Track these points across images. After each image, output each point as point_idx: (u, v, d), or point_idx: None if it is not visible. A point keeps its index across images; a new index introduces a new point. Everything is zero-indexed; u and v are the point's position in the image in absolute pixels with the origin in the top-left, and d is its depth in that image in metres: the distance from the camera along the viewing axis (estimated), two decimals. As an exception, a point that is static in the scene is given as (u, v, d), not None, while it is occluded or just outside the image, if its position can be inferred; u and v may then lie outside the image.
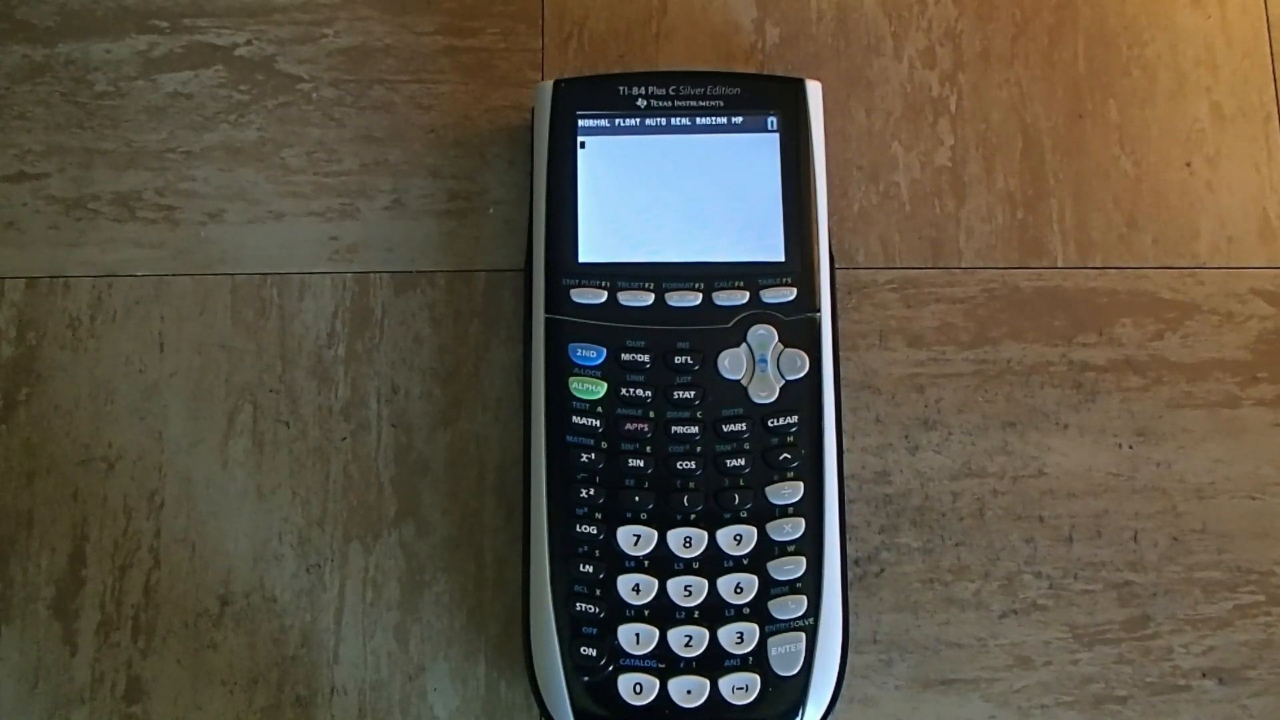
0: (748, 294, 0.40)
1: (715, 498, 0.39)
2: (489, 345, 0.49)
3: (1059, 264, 0.52)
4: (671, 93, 0.42)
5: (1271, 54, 0.55)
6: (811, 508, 0.39)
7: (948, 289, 0.51)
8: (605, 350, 0.39)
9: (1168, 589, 0.49)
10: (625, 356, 0.39)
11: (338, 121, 0.53)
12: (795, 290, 0.40)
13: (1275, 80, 0.55)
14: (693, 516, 0.38)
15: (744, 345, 0.40)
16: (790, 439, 0.39)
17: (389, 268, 0.51)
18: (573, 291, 0.40)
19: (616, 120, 0.42)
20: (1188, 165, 0.54)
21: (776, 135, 0.43)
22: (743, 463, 0.39)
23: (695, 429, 0.39)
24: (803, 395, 0.39)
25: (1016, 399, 0.50)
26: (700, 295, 0.40)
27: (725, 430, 0.39)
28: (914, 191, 0.52)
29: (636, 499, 0.38)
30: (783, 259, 0.41)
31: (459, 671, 0.47)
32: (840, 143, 0.52)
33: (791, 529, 0.39)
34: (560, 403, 0.39)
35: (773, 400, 0.39)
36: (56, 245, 0.51)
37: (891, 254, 0.51)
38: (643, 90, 0.42)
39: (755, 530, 0.38)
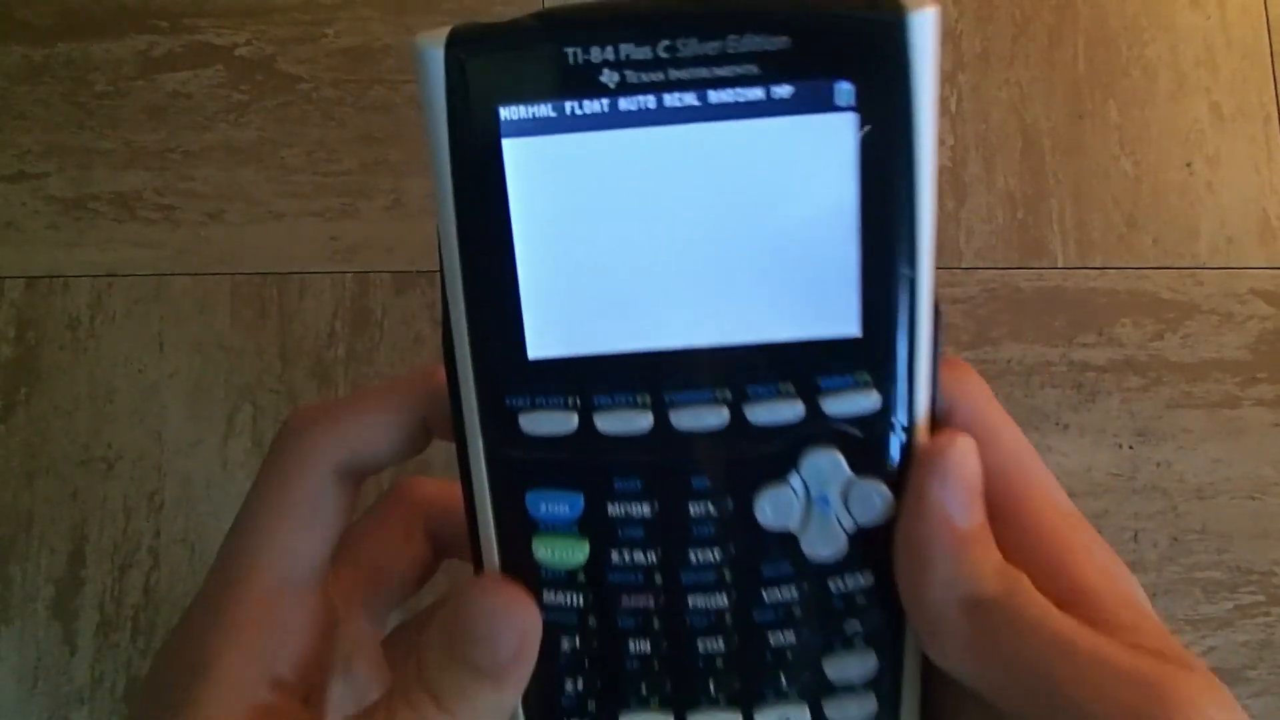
0: (801, 404, 0.24)
1: (753, 676, 0.27)
2: (489, 345, 0.49)
3: (1059, 264, 0.52)
4: (664, 54, 0.23)
5: (1271, 54, 0.55)
6: (888, 684, 0.27)
7: (948, 289, 0.51)
8: (583, 498, 0.25)
9: (1168, 589, 0.49)
10: (615, 508, 0.25)
11: (338, 121, 0.53)
12: (877, 394, 0.24)
13: (1275, 81, 0.55)
14: (723, 698, 0.27)
15: (795, 479, 0.25)
16: (861, 602, 0.26)
17: (389, 268, 0.51)
18: (523, 417, 0.24)
19: (567, 108, 0.23)
20: (1188, 165, 0.54)
21: (852, 116, 0.23)
22: (792, 637, 0.27)
23: (723, 599, 0.26)
24: (882, 545, 0.25)
25: (1017, 399, 0.50)
26: (726, 410, 0.25)
27: (767, 598, 0.26)
28: (914, 192, 0.52)
29: (644, 686, 0.27)
30: (857, 334, 0.24)
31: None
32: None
33: (858, 710, 0.27)
34: (522, 571, 0.25)
35: (838, 555, 0.26)
36: (56, 245, 0.51)
37: (891, 254, 0.51)
38: (611, 52, 0.23)
39: (808, 711, 0.27)
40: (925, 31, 0.22)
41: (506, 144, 0.23)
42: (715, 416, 0.25)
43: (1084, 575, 0.22)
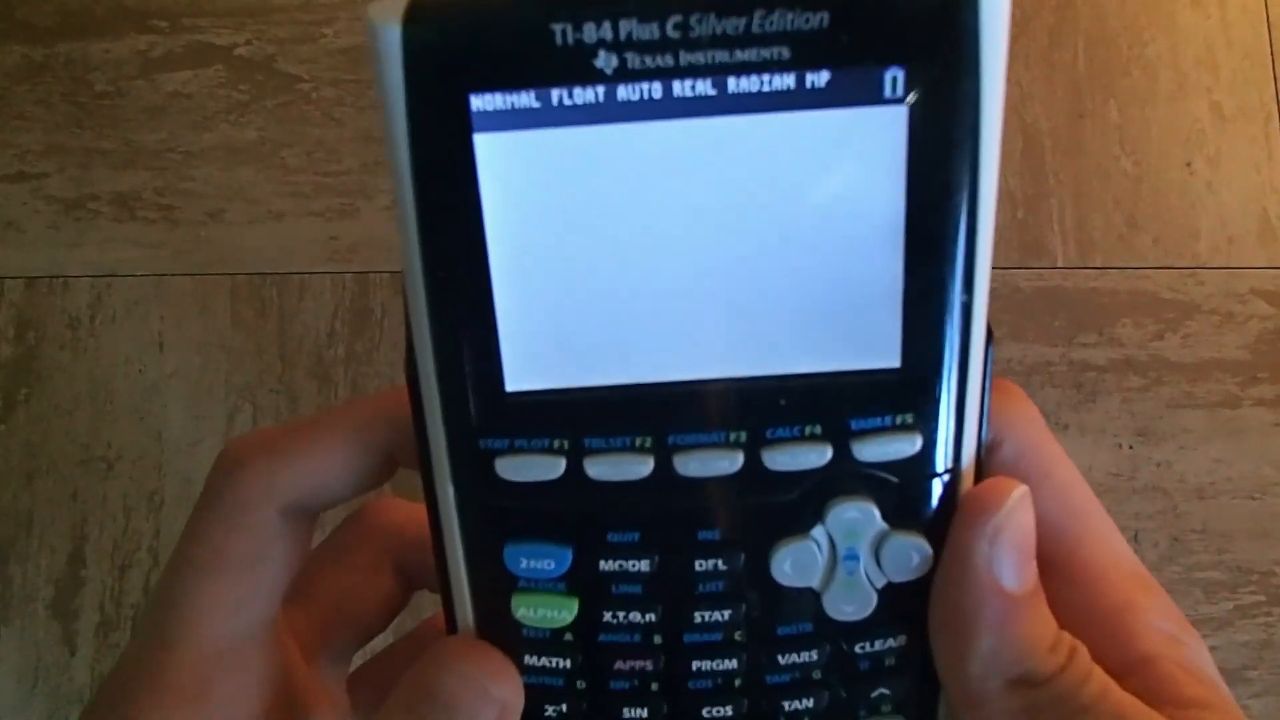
0: (829, 448, 0.21)
1: None
2: (489, 345, 0.49)
3: (1059, 264, 0.52)
4: (674, 33, 0.19)
5: (1272, 54, 0.55)
6: None
7: (948, 289, 0.52)
8: (571, 553, 0.22)
9: (1168, 589, 0.48)
10: (608, 563, 0.22)
11: (338, 121, 0.53)
12: (919, 437, 0.21)
13: (1275, 80, 0.55)
14: None
15: (819, 531, 0.22)
16: (889, 666, 0.23)
17: (389, 267, 0.51)
18: (500, 461, 0.21)
19: (554, 97, 0.19)
20: (1188, 165, 0.54)
21: (903, 110, 0.19)
22: (810, 703, 0.24)
23: (732, 662, 0.23)
24: (915, 602, 0.22)
25: (1017, 399, 0.50)
26: (740, 454, 0.21)
27: (783, 661, 0.23)
28: (914, 191, 0.52)
29: None
30: (897, 366, 0.20)
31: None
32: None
33: None
34: (500, 633, 0.22)
35: (865, 615, 0.22)
36: (56, 245, 0.51)
37: (892, 254, 0.51)
38: (609, 30, 0.18)
39: None
40: (999, 9, 0.19)
41: (480, 139, 0.19)
42: (727, 461, 0.21)
43: (1149, 642, 0.19)
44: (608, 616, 0.22)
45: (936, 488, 0.21)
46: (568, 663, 0.23)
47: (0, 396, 0.50)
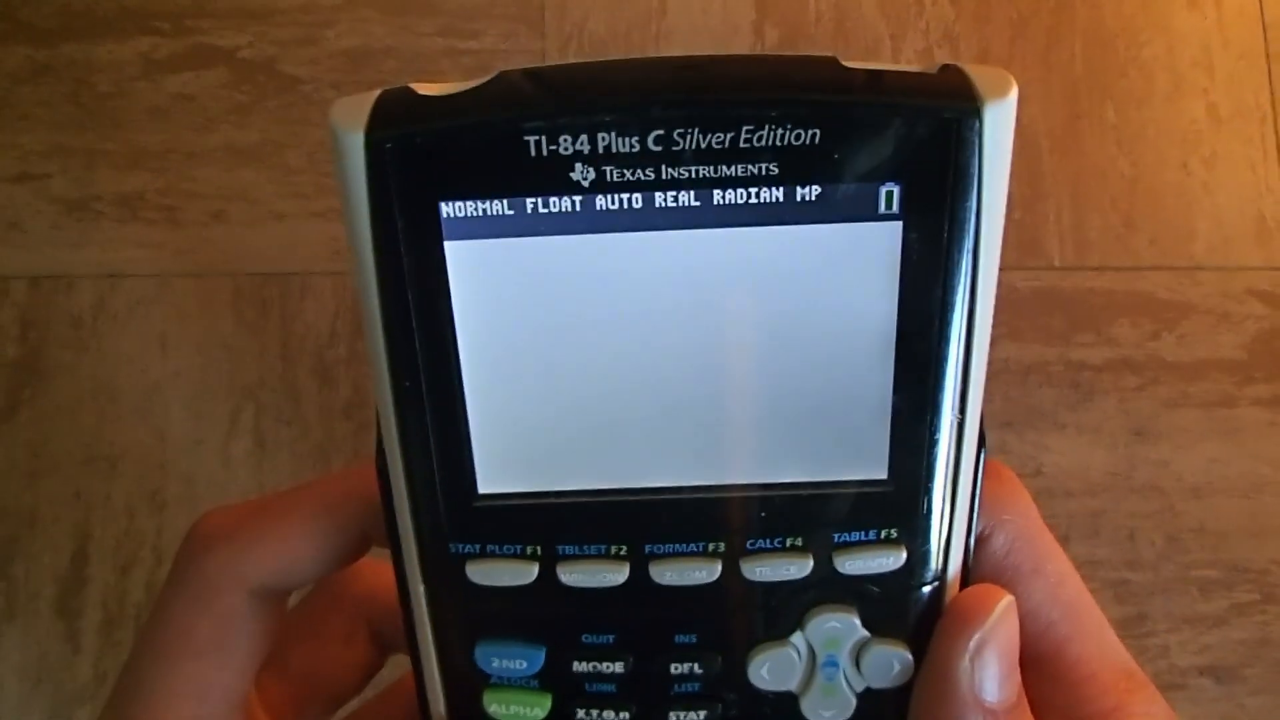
0: (811, 561, 0.20)
1: None
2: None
3: (1056, 264, 0.52)
4: (656, 147, 0.17)
5: (1268, 55, 0.55)
6: None
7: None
8: (545, 652, 0.21)
9: (1164, 588, 0.49)
10: (581, 665, 0.21)
11: (339, 122, 0.53)
12: (904, 551, 0.20)
13: (1271, 81, 0.55)
14: None
15: (799, 638, 0.21)
16: None
17: (390, 268, 0.51)
18: (471, 566, 0.20)
19: (527, 205, 0.18)
20: (1184, 166, 0.54)
21: (897, 227, 0.18)
22: None
23: None
24: (895, 708, 0.21)
25: (1014, 398, 0.51)
26: (718, 564, 0.20)
27: None
28: (912, 192, 0.53)
29: None
30: (884, 478, 0.20)
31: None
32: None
33: None
34: None
35: (843, 719, 0.22)
36: (59, 245, 0.52)
37: (890, 254, 0.52)
38: (585, 143, 0.17)
39: None
40: (1004, 124, 0.18)
41: (449, 247, 0.18)
42: (705, 572, 0.20)
43: None
44: (580, 715, 0.22)
45: (921, 598, 0.21)
46: None
47: (3, 396, 0.50)
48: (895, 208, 0.18)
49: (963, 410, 0.19)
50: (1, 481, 0.49)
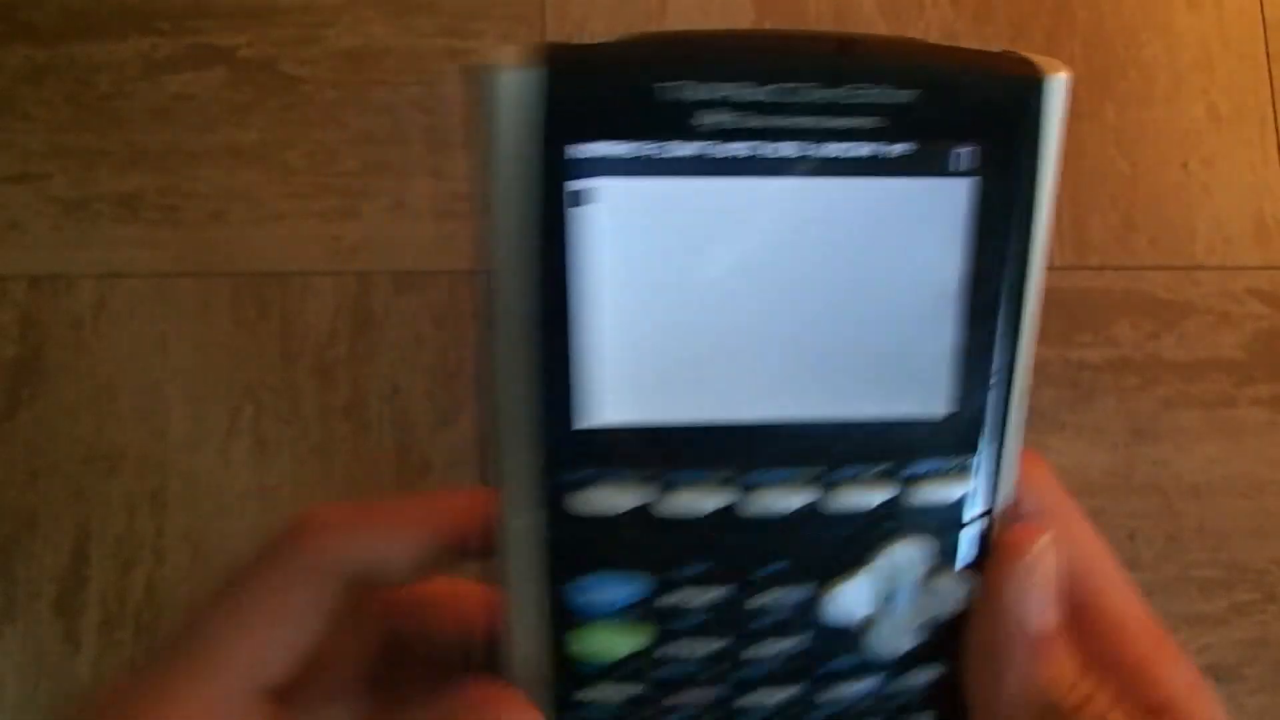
0: (890, 489, 0.22)
1: None
2: (489, 345, 0.49)
3: (1056, 264, 0.52)
4: (774, 98, 0.20)
5: (1267, 56, 0.55)
6: None
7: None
8: (642, 583, 0.22)
9: (1164, 587, 0.49)
10: (677, 595, 0.22)
11: (339, 123, 0.53)
12: (969, 481, 0.23)
13: (1271, 82, 0.55)
14: None
15: (871, 570, 0.23)
16: (927, 696, 0.24)
17: (390, 268, 0.51)
18: (577, 495, 0.21)
19: (651, 149, 0.20)
20: (1184, 166, 0.54)
21: (970, 182, 0.21)
22: None
23: (783, 694, 0.23)
24: (950, 637, 0.23)
25: (1014, 398, 0.51)
26: (819, 492, 0.22)
27: (827, 694, 0.24)
28: (912, 192, 0.53)
29: None
30: (951, 415, 0.22)
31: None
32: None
33: None
34: (551, 669, 0.23)
35: (903, 652, 0.23)
36: (59, 245, 0.52)
37: (890, 254, 0.52)
38: (711, 90, 0.20)
39: None
40: (1060, 97, 0.21)
41: (577, 184, 0.20)
42: (797, 499, 0.22)
43: (1170, 689, 0.21)
44: (672, 648, 0.23)
45: (978, 532, 0.23)
46: (631, 691, 0.23)
47: (4, 396, 0.50)
48: (971, 166, 0.21)
49: (1016, 348, 0.22)
50: (1, 481, 0.49)
